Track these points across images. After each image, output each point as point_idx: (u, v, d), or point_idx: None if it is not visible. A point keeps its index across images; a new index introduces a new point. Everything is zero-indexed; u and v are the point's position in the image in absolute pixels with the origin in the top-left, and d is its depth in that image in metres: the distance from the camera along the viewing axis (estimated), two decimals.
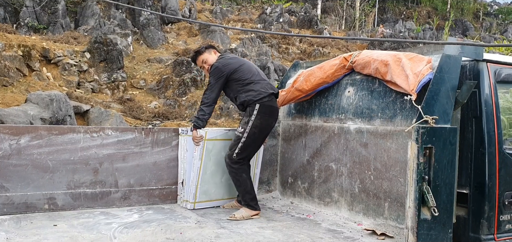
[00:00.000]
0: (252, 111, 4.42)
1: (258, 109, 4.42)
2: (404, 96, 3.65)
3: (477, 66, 3.77)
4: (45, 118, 8.94)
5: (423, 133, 3.24)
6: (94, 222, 3.94)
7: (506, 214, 3.80)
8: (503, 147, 3.76)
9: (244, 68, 4.56)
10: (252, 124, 4.42)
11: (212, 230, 3.85)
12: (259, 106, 4.42)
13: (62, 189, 4.26)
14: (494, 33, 24.68)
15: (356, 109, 4.28)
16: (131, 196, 4.56)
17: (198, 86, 13.51)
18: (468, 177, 3.76)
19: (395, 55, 3.90)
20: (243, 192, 4.48)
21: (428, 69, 3.56)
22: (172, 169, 4.73)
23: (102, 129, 4.46)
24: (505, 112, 3.91)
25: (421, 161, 3.24)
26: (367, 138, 4.12)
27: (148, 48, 15.53)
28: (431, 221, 3.29)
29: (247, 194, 4.46)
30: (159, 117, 11.70)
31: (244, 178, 4.50)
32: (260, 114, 4.42)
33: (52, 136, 4.20)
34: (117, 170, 4.48)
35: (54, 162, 4.21)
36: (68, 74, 11.88)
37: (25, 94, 10.11)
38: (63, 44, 12.86)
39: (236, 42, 17.41)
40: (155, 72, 13.90)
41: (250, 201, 4.44)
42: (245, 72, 4.53)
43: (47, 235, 3.52)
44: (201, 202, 4.62)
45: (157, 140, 4.66)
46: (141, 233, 3.67)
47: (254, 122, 4.42)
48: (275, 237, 3.75)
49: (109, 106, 11.40)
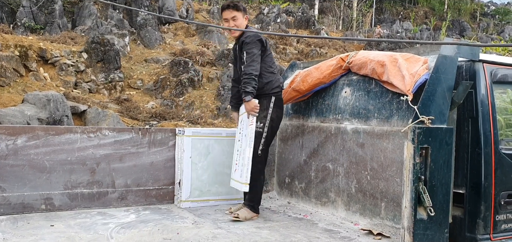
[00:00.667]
0: (268, 104, 4.40)
1: (274, 102, 4.42)
2: (400, 97, 3.66)
3: (474, 67, 3.78)
4: (42, 119, 8.94)
5: (419, 133, 3.25)
6: (91, 222, 3.94)
7: (502, 214, 3.81)
8: (499, 147, 3.77)
9: (271, 54, 4.64)
10: (270, 117, 4.40)
11: (209, 230, 3.85)
12: (274, 99, 4.43)
13: (59, 189, 4.25)
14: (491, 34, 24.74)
15: (352, 110, 4.30)
16: (128, 196, 4.56)
17: (195, 87, 13.51)
18: (464, 177, 3.77)
19: (392, 56, 3.91)
20: (255, 194, 4.40)
21: (425, 70, 3.57)
22: (169, 169, 4.73)
23: (99, 129, 4.46)
24: (502, 113, 3.92)
25: (417, 161, 3.25)
26: (364, 138, 4.13)
27: (145, 48, 15.53)
28: (428, 221, 3.30)
29: (257, 195, 4.42)
30: (156, 118, 11.70)
31: (261, 180, 4.48)
32: (275, 107, 4.44)
33: (49, 136, 4.20)
34: (114, 170, 4.48)
35: (51, 162, 4.21)
36: (65, 75, 11.87)
37: (22, 94, 10.10)
38: (60, 45, 12.85)
39: (233, 42, 17.41)
40: (152, 73, 13.90)
41: (256, 204, 4.41)
42: (271, 57, 4.61)
43: (44, 236, 3.51)
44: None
45: (154, 140, 4.66)
46: (138, 233, 3.67)
47: (272, 114, 4.41)
48: (272, 237, 3.76)
49: (106, 106, 11.40)
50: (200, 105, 12.84)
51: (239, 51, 4.49)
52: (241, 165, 4.33)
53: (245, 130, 4.41)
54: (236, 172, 4.43)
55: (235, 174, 4.45)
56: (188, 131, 4.67)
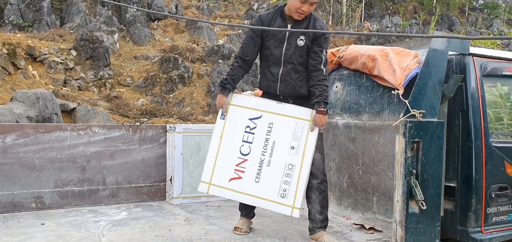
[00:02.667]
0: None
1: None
2: (391, 91, 3.67)
3: (464, 60, 3.79)
4: (31, 117, 8.86)
5: (410, 127, 3.26)
6: (82, 220, 3.91)
7: (493, 207, 3.84)
8: (490, 140, 3.80)
9: None
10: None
11: (201, 227, 3.84)
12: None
13: (49, 188, 4.22)
14: (479, 28, 24.88)
15: (344, 104, 4.30)
16: (119, 194, 4.53)
17: (186, 83, 13.45)
18: (455, 171, 3.79)
19: (382, 50, 3.91)
20: (326, 213, 3.67)
21: (415, 64, 3.58)
22: (161, 166, 4.71)
23: (89, 127, 4.43)
24: (491, 107, 3.94)
25: (408, 155, 3.26)
26: (355, 132, 4.13)
27: (134, 45, 15.43)
28: (419, 214, 3.31)
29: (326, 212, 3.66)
30: (146, 115, 11.64)
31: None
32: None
33: (39, 134, 4.16)
34: (105, 167, 4.45)
35: (41, 160, 4.17)
36: (54, 72, 11.76)
37: (10, 92, 9.99)
38: (49, 42, 12.72)
39: (223, 38, 17.36)
40: (142, 70, 13.82)
41: (325, 220, 3.67)
42: None
43: (35, 234, 3.48)
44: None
45: (144, 137, 4.63)
46: (129, 231, 3.65)
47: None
48: (264, 232, 3.75)
49: (96, 104, 11.32)
50: (190, 102, 12.79)
51: (308, 39, 3.54)
52: (289, 183, 3.44)
53: (279, 138, 3.50)
54: (272, 188, 3.46)
55: (267, 190, 3.47)
56: (179, 127, 4.65)
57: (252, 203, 3.55)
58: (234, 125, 3.57)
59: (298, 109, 3.54)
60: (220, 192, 3.55)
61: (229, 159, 3.54)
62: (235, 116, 3.58)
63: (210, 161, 3.55)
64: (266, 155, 3.49)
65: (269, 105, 3.57)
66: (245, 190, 3.49)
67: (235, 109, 3.60)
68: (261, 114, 3.55)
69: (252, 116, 3.56)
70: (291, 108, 3.57)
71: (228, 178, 3.51)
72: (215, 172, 3.52)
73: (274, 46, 3.61)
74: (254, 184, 3.47)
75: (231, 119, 3.58)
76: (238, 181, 3.49)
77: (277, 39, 3.60)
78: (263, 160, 3.48)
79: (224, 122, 3.58)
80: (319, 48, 3.54)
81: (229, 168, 3.52)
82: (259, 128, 3.53)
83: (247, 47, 3.67)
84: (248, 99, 3.66)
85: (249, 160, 3.50)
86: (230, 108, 3.60)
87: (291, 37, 3.56)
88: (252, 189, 3.48)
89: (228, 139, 3.56)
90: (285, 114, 3.54)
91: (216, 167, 3.53)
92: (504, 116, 4.04)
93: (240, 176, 3.49)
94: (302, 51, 3.56)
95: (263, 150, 3.49)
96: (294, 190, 3.43)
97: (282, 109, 3.55)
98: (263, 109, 3.56)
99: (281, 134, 3.51)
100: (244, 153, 3.52)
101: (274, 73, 3.64)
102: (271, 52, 3.63)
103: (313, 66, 3.54)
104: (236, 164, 3.51)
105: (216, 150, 3.56)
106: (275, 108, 3.56)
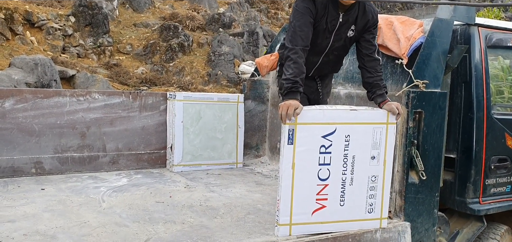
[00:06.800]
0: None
1: None
2: (395, 60, 3.64)
3: (469, 31, 3.75)
4: (29, 83, 8.83)
5: (413, 97, 3.24)
6: (82, 186, 3.91)
7: (492, 178, 3.85)
8: (491, 112, 3.78)
9: None
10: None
11: (201, 194, 3.85)
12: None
13: (49, 153, 4.21)
14: None
15: (346, 74, 4.26)
16: (120, 160, 4.53)
17: (186, 52, 13.36)
18: (456, 142, 3.79)
19: (387, 19, 3.86)
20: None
21: (420, 33, 3.54)
22: (161, 133, 4.70)
23: (88, 93, 4.40)
24: (493, 80, 3.91)
25: (410, 125, 3.25)
26: (357, 102, 4.10)
27: (134, 12, 15.27)
28: (419, 185, 3.32)
29: None
30: (146, 83, 11.61)
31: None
32: None
33: (38, 99, 4.13)
34: (105, 134, 4.44)
35: (40, 126, 4.15)
36: (53, 39, 11.66)
37: (8, 58, 9.92)
38: (47, 8, 12.58)
39: (224, 6, 17.19)
40: (141, 37, 13.72)
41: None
42: None
43: (35, 199, 3.49)
44: None
45: (145, 104, 4.61)
46: (130, 197, 3.65)
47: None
48: (264, 200, 3.77)
49: (95, 71, 11.26)
50: (190, 71, 12.73)
51: (364, 24, 3.27)
52: (374, 196, 3.13)
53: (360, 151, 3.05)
54: (359, 207, 3.12)
55: (354, 211, 3.11)
56: (179, 95, 4.62)
57: (340, 229, 3.09)
58: (306, 148, 2.95)
59: (374, 114, 3.09)
60: (304, 230, 3.02)
61: (308, 190, 2.99)
62: (306, 138, 2.95)
63: (286, 198, 2.96)
64: (347, 172, 3.04)
65: (342, 115, 3.01)
66: (331, 218, 3.05)
67: (304, 129, 2.95)
68: (335, 128, 2.97)
69: (325, 133, 2.96)
70: (367, 113, 3.07)
71: (311, 211, 3.00)
72: (294, 210, 2.97)
73: (322, 38, 3.24)
74: (340, 208, 3.06)
75: (301, 142, 2.95)
76: (322, 211, 3.02)
77: (328, 30, 3.21)
78: (345, 179, 3.04)
79: (293, 147, 2.96)
80: (372, 36, 3.29)
81: (310, 200, 3.00)
82: (335, 145, 2.98)
83: (307, 34, 3.10)
84: (316, 113, 2.98)
85: (330, 184, 3.01)
86: (298, 128, 2.94)
87: (342, 27, 3.22)
88: (339, 214, 3.06)
89: (303, 167, 2.97)
90: (361, 122, 3.04)
91: (294, 203, 2.96)
92: (505, 90, 4.02)
93: (323, 204, 3.01)
94: (351, 42, 3.34)
95: (343, 169, 3.03)
96: (380, 202, 3.14)
97: (357, 117, 3.03)
98: (337, 122, 2.98)
99: (359, 145, 3.04)
100: (323, 178, 3.00)
101: (312, 61, 3.33)
102: (317, 41, 3.23)
103: (367, 56, 3.26)
104: (316, 193, 3.00)
105: (290, 184, 2.98)
106: (349, 116, 3.02)
